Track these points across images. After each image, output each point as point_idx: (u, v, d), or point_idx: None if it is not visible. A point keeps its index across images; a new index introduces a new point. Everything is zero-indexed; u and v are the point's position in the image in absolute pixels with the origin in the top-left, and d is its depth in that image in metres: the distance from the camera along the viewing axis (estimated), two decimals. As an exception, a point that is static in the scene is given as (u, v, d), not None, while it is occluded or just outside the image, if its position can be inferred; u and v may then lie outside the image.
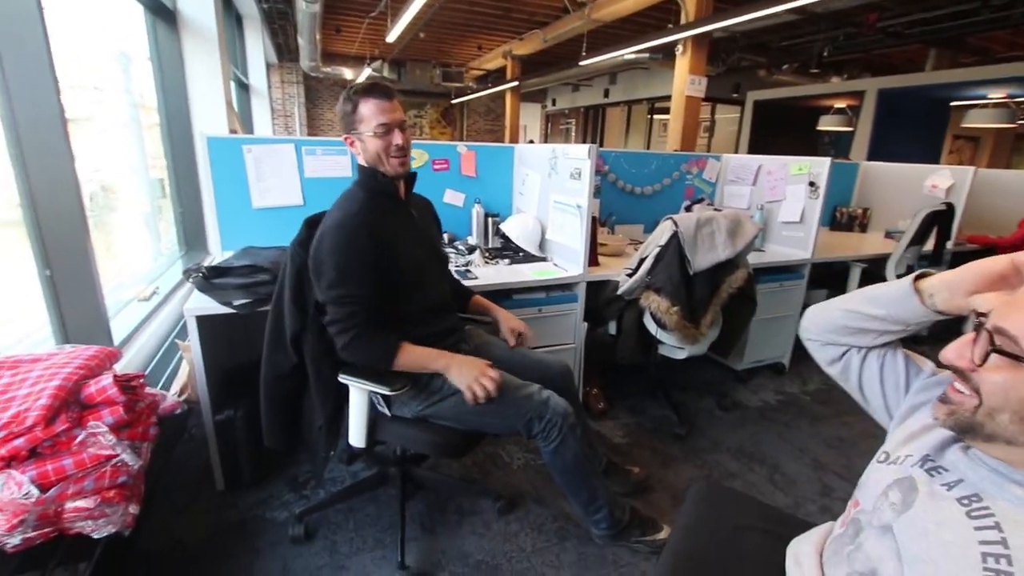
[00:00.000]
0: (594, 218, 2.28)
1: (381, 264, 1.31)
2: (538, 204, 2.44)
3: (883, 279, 2.91)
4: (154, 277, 2.58)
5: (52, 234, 1.66)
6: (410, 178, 1.49)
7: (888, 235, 3.55)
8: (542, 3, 6.65)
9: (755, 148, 7.86)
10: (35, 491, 1.10)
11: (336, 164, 2.26)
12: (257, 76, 7.05)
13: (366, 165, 1.40)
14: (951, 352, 0.62)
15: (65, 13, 2.50)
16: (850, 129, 6.78)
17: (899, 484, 0.68)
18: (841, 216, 3.82)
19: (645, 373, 2.63)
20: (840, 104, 7.25)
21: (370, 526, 1.68)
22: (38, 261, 1.67)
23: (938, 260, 3.10)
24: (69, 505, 1.17)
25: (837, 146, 7.86)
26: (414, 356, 1.34)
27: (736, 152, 8.36)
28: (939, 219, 2.89)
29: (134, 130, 2.96)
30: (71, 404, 1.24)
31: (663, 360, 2.31)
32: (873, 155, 6.26)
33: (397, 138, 1.36)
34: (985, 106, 5.77)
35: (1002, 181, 3.72)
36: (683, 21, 5.04)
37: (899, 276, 3.03)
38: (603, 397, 2.44)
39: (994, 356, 0.56)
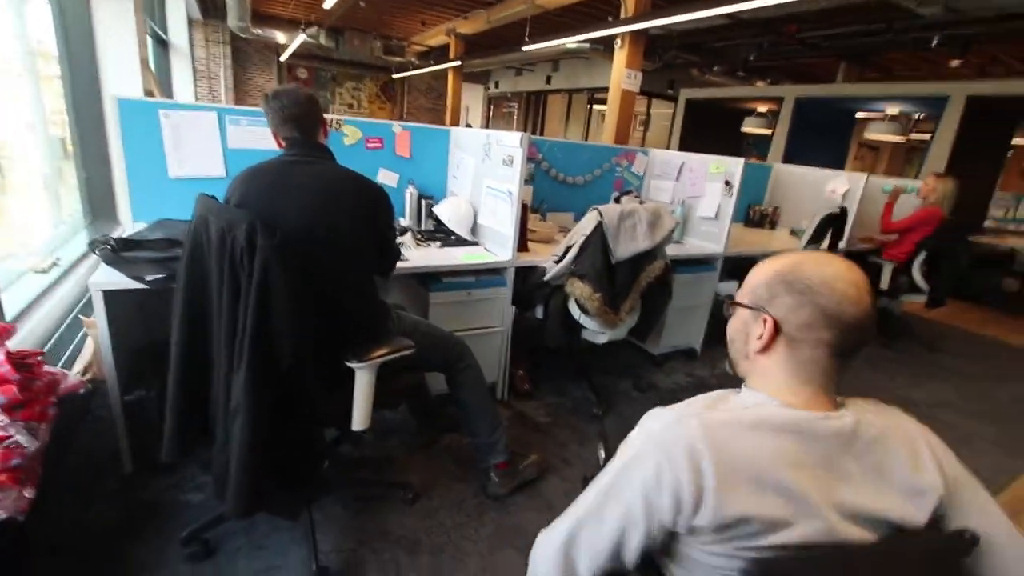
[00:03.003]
0: (524, 205, 2.35)
1: None
2: (471, 188, 2.48)
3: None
4: (54, 247, 2.38)
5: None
6: None
7: (793, 233, 3.89)
8: (487, -17, 6.57)
9: (685, 144, 8.25)
10: (-86, 474, 1.03)
11: (262, 136, 2.16)
12: (178, 33, 6.51)
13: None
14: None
15: None
16: (770, 132, 7.27)
17: None
18: (754, 214, 4.14)
19: (569, 356, 2.77)
20: (762, 108, 7.76)
21: (277, 531, 1.58)
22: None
23: (832, 257, 3.45)
24: (-45, 488, 1.10)
25: (759, 147, 8.41)
26: None
27: (668, 147, 8.73)
28: (834, 221, 3.21)
29: (30, 80, 2.68)
30: (-44, 382, 1.16)
31: (587, 344, 2.44)
32: (788, 157, 6.77)
33: None
34: (883, 119, 6.39)
35: (890, 188, 4.16)
36: (623, 15, 5.17)
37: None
38: (528, 379, 2.55)
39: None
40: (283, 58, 10.46)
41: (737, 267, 3.30)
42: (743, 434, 0.69)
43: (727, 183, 2.90)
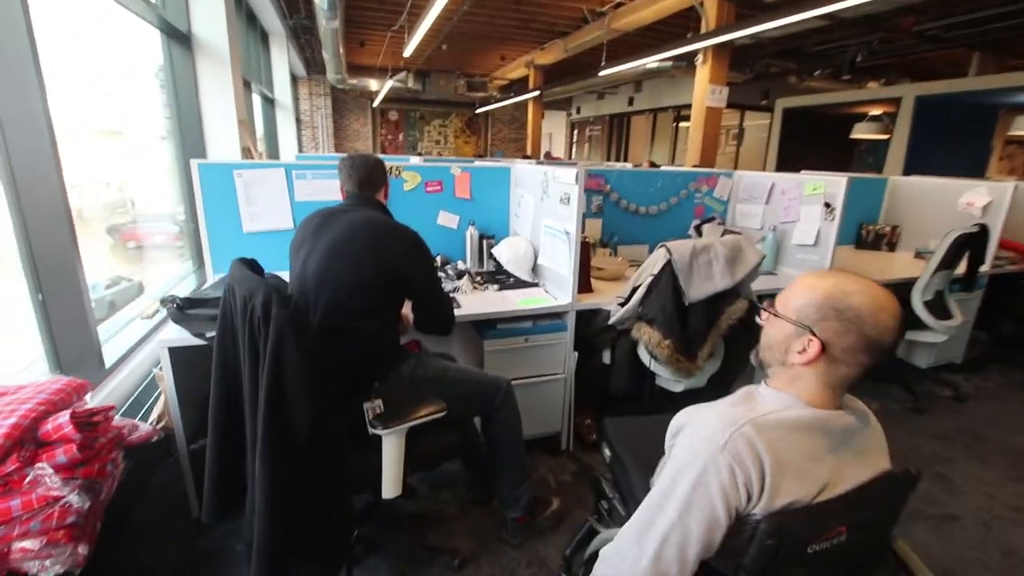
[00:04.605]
0: (586, 244, 2.20)
1: None
2: (531, 227, 2.38)
3: (908, 305, 2.71)
4: (164, 293, 2.64)
5: (43, 257, 1.68)
6: None
7: (919, 255, 3.33)
8: (562, 14, 6.59)
9: (784, 157, 7.58)
10: (-25, 536, 1.09)
11: (326, 188, 2.24)
12: (282, 91, 7.23)
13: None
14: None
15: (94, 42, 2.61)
16: (886, 136, 6.44)
17: None
18: (867, 234, 3.61)
19: (641, 405, 2.51)
20: (875, 111, 6.93)
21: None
22: (30, 285, 1.69)
23: (970, 285, 2.88)
24: (16, 546, 1.16)
25: (874, 153, 7.51)
26: None
27: (764, 161, 8.08)
28: (971, 242, 2.67)
29: (167, 143, 3.13)
30: (26, 442, 1.24)
31: (661, 391, 2.19)
32: (911, 165, 5.93)
33: None
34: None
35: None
36: (703, 30, 4.89)
37: (926, 303, 2.80)
38: (595, 428, 2.34)
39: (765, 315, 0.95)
40: (375, 103, 11.26)
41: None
42: (787, 434, 0.81)
43: (827, 205, 2.53)
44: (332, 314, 1.44)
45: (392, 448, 1.27)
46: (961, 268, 2.76)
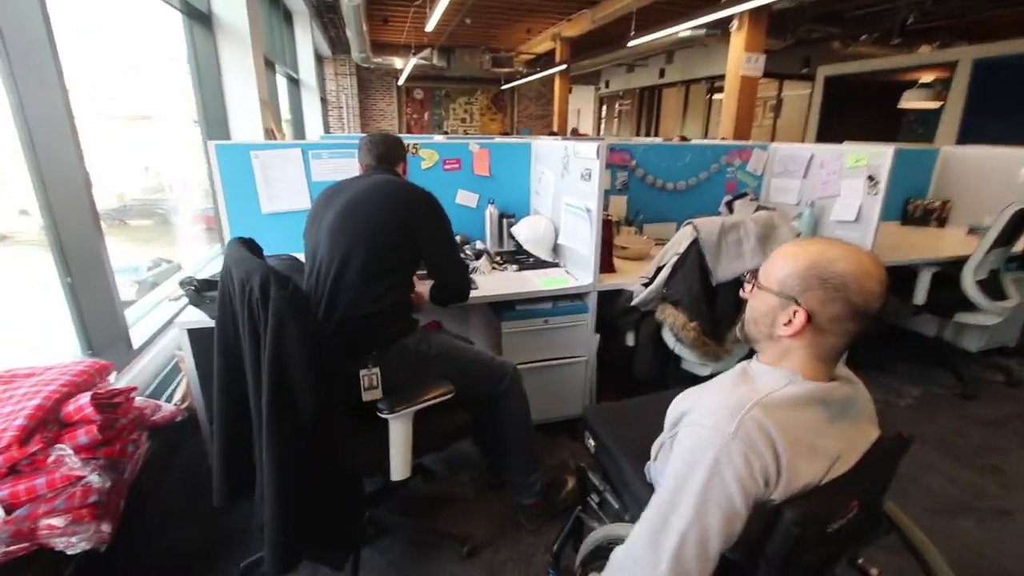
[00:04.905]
0: (609, 221, 2.11)
1: None
2: (552, 205, 2.30)
3: (958, 285, 2.53)
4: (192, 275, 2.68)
5: (70, 240, 1.71)
6: None
7: (972, 231, 3.10)
8: (589, -19, 6.34)
9: (825, 129, 7.18)
10: (1, 512, 1.12)
11: (342, 167, 2.21)
12: (307, 71, 7.22)
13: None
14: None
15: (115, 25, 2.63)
16: (939, 105, 6.01)
17: None
18: (914, 209, 3.38)
19: (665, 389, 2.44)
20: (927, 78, 6.46)
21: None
22: (59, 268, 1.73)
23: (1030, 264, 2.67)
24: (42, 523, 1.19)
25: (924, 123, 7.04)
26: None
27: (804, 133, 7.69)
28: (1032, 217, 2.46)
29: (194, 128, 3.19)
30: (49, 423, 1.26)
31: (687, 375, 2.11)
32: (965, 135, 5.53)
33: None
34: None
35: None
36: (739, -7, 4.61)
37: (979, 282, 2.61)
38: (619, 412, 2.28)
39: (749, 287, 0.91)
40: (400, 82, 11.17)
41: (894, 278, 2.69)
42: (794, 411, 0.79)
43: (870, 178, 2.36)
44: (342, 274, 1.42)
45: (399, 431, 1.25)
46: (1020, 245, 2.56)
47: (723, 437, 0.75)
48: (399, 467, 1.27)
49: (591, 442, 1.40)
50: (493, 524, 1.74)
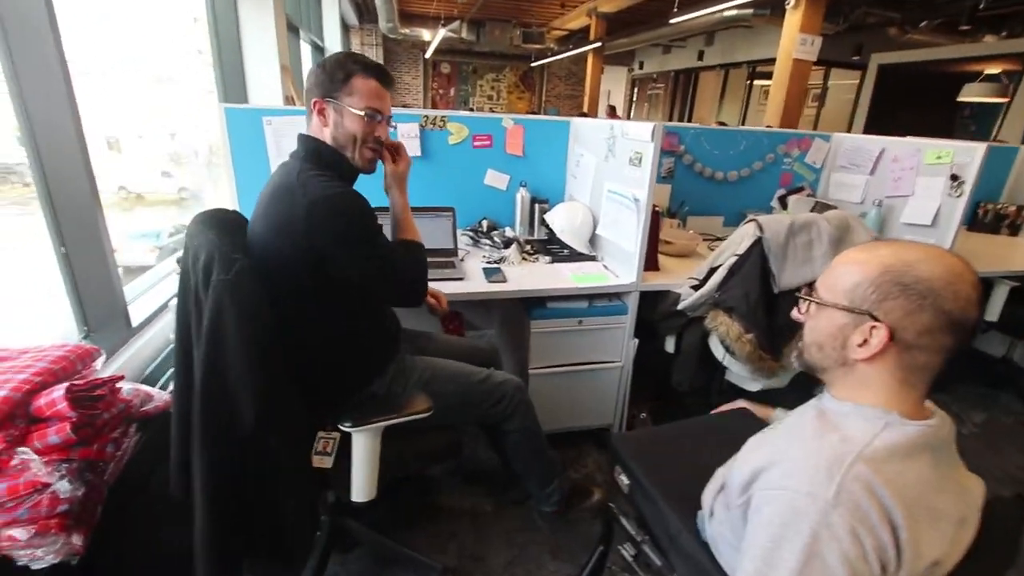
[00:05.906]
0: (657, 213, 1.88)
1: None
2: (591, 191, 2.07)
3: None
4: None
5: (65, 208, 1.55)
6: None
7: (1051, 241, 2.80)
8: (632, -48, 5.95)
9: (873, 122, 6.74)
10: (-48, 522, 0.97)
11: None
12: (332, 38, 6.99)
13: (329, 144, 1.15)
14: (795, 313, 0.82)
15: None
16: (1003, 100, 5.55)
17: None
18: (985, 214, 3.07)
19: (707, 401, 2.22)
20: (992, 70, 5.98)
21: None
22: (53, 238, 1.58)
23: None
24: (3, 533, 1.04)
25: (979, 120, 6.57)
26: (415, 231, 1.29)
27: (850, 127, 7.24)
28: None
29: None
30: (17, 419, 1.10)
31: (732, 387, 1.90)
32: (1033, 134, 5.10)
33: (381, 130, 1.19)
34: None
35: None
36: (798, -32, 4.24)
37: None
38: (651, 423, 2.08)
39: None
40: (428, 55, 10.86)
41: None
42: (905, 466, 0.63)
43: (954, 177, 2.09)
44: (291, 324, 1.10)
45: (363, 448, 1.08)
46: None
47: (820, 505, 0.59)
48: (362, 487, 1.11)
49: (623, 479, 1.20)
50: (512, 542, 1.57)
